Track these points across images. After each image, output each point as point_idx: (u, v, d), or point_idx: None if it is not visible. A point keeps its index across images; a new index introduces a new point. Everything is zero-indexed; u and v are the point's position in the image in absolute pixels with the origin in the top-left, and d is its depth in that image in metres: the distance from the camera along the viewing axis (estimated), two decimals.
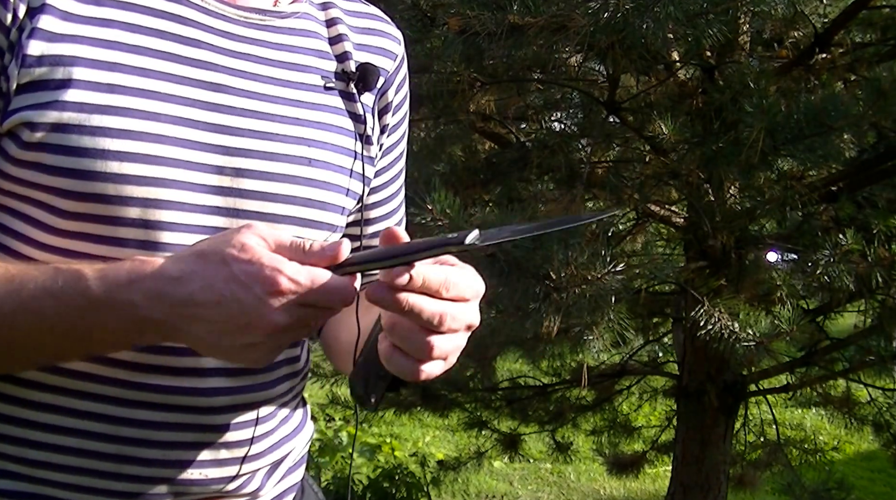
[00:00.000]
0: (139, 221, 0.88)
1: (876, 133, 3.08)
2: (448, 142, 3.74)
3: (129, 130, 0.87)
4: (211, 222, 0.92)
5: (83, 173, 0.86)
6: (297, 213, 0.96)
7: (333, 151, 1.00)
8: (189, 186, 0.90)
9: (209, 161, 0.91)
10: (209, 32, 0.94)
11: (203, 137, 0.91)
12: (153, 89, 0.89)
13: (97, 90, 0.87)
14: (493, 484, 5.78)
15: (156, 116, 0.89)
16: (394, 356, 0.85)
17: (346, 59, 1.03)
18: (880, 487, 5.87)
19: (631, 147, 3.61)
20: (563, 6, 2.50)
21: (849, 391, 4.24)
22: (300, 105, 0.98)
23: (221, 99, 0.93)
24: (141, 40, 0.90)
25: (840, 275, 2.74)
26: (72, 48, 0.87)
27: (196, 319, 0.82)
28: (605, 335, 2.71)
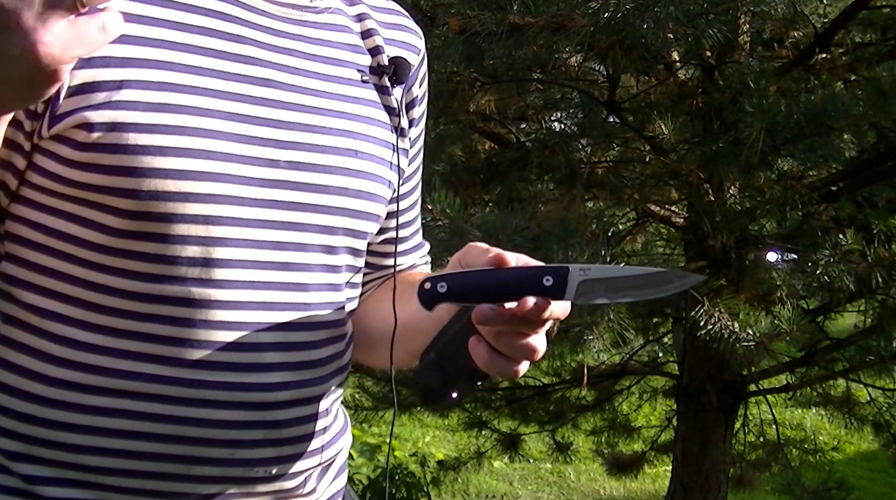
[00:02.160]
0: (200, 216, 0.88)
1: (876, 133, 3.08)
2: (448, 142, 3.74)
3: (183, 127, 0.87)
4: (269, 216, 0.92)
5: (141, 171, 0.86)
6: (350, 204, 0.98)
7: (376, 144, 1.02)
8: (245, 180, 0.91)
9: (263, 155, 0.92)
10: (254, 29, 0.95)
11: (255, 131, 0.92)
12: (204, 86, 0.90)
13: (150, 89, 0.87)
14: (493, 484, 5.78)
15: (209, 112, 0.89)
16: (497, 361, 0.88)
17: (379, 53, 1.05)
18: (880, 487, 5.87)
19: (631, 147, 3.61)
20: (563, 6, 2.50)
21: (849, 391, 4.24)
22: (342, 99, 1.00)
23: (270, 94, 0.94)
24: (190, 38, 0.90)
25: (840, 275, 2.74)
26: (123, 49, 0.86)
27: None
28: (605, 335, 2.71)
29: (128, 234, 0.88)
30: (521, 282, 0.86)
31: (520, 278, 0.86)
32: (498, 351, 0.88)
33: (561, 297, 0.86)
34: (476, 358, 0.88)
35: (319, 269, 0.97)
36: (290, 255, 0.94)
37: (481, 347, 0.88)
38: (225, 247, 0.90)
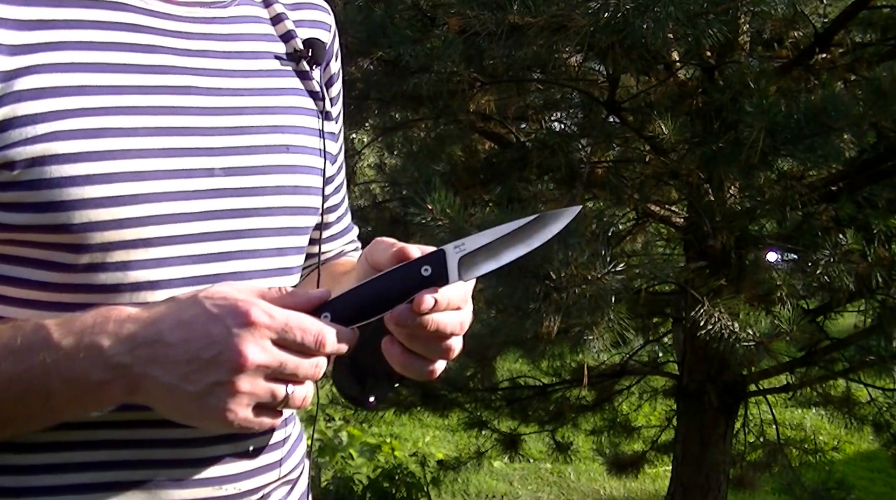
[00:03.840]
0: (139, 241, 0.85)
1: (876, 133, 3.08)
2: (448, 142, 3.74)
3: (108, 151, 0.83)
4: (212, 228, 0.89)
5: (70, 204, 0.82)
6: (287, 202, 0.95)
7: (305, 134, 0.99)
8: (182, 194, 0.87)
9: (196, 166, 0.88)
10: (164, 35, 0.90)
11: (184, 143, 0.88)
12: (124, 105, 0.85)
13: (68, 117, 0.83)
14: (493, 484, 5.78)
15: (133, 131, 0.85)
16: (412, 362, 0.87)
17: (292, 37, 1.01)
18: (880, 487, 5.87)
19: (631, 147, 3.61)
20: (563, 6, 2.50)
21: (849, 391, 4.24)
22: (265, 93, 0.96)
23: (193, 101, 0.90)
24: (102, 57, 0.86)
25: (840, 275, 2.74)
26: (35, 79, 0.82)
27: (161, 361, 0.78)
28: (605, 335, 2.71)
29: (68, 267, 0.84)
30: (403, 282, 0.83)
31: (400, 279, 0.83)
32: (412, 352, 0.86)
33: (445, 281, 0.83)
34: (390, 360, 0.87)
35: (273, 273, 0.94)
36: (240, 264, 0.91)
37: (395, 348, 0.86)
38: (169, 267, 0.86)
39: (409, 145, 3.90)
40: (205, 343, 0.77)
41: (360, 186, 4.28)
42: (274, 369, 0.79)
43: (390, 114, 3.67)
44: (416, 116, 3.65)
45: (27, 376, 0.79)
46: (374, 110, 3.51)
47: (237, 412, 0.79)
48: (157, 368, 0.78)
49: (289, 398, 0.81)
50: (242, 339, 0.77)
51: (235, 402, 0.78)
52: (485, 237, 0.85)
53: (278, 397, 0.80)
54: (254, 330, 0.78)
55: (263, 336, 0.78)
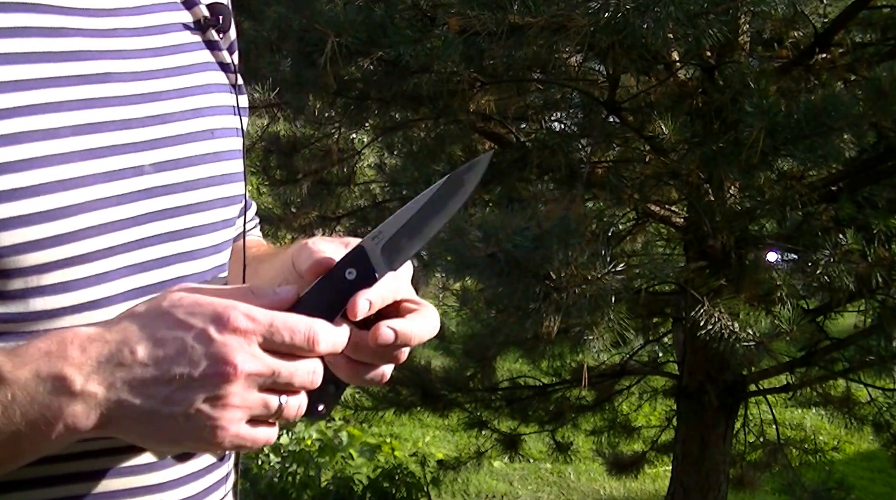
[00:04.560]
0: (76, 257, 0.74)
1: (876, 133, 3.08)
2: (448, 142, 3.75)
3: (32, 159, 0.72)
4: (148, 232, 0.79)
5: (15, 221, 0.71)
6: (219, 193, 0.86)
7: (224, 114, 0.89)
8: (115, 200, 0.77)
9: (125, 164, 0.77)
10: (69, 15, 0.77)
11: (109, 139, 0.77)
12: (39, 102, 0.73)
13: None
14: (493, 484, 5.78)
15: (55, 132, 0.73)
16: (359, 371, 0.78)
17: (195, 4, 0.88)
18: (880, 487, 5.87)
19: (631, 147, 3.61)
20: (563, 6, 2.50)
21: (849, 391, 4.24)
22: (181, 72, 0.85)
23: (112, 90, 0.78)
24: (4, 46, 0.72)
25: (840, 275, 2.74)
26: None
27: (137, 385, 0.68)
28: (605, 335, 2.71)
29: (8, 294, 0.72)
30: (331, 295, 0.75)
31: (327, 293, 0.75)
32: (358, 361, 0.78)
33: (374, 278, 0.75)
34: (337, 372, 0.79)
35: (211, 273, 0.86)
36: (180, 268, 0.82)
37: (340, 360, 0.78)
38: (110, 282, 0.76)
39: (409, 145, 3.90)
40: (187, 357, 0.68)
41: (360, 186, 4.28)
42: (267, 378, 0.69)
43: (390, 114, 3.67)
44: (416, 116, 3.65)
45: None
46: (374, 110, 3.51)
47: (229, 430, 0.69)
48: (135, 393, 0.68)
49: (283, 409, 0.71)
50: (228, 347, 0.68)
51: (227, 418, 0.69)
52: (400, 218, 0.78)
53: (272, 408, 0.71)
54: (238, 336, 0.68)
55: (250, 342, 0.69)
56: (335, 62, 2.76)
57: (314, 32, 2.80)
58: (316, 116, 3.75)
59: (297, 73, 3.16)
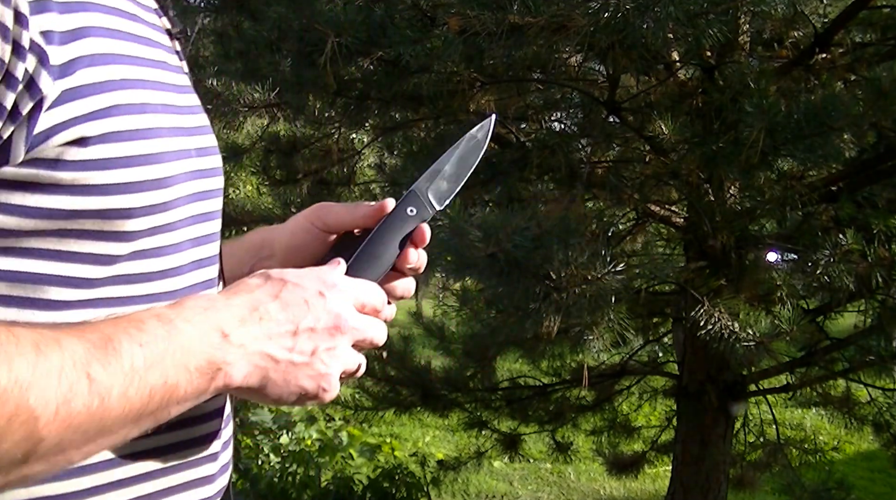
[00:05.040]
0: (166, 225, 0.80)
1: (876, 133, 3.08)
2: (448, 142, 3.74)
3: (153, 128, 0.78)
4: (199, 210, 0.85)
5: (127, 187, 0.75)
6: (222, 184, 0.92)
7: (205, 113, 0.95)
8: (185, 176, 0.82)
9: (186, 145, 0.83)
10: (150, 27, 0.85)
11: (178, 121, 0.83)
12: (142, 78, 0.79)
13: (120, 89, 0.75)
14: (493, 484, 5.78)
15: (154, 107, 0.79)
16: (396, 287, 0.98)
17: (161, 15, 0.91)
18: (880, 487, 5.87)
19: (631, 147, 3.61)
20: (563, 6, 2.50)
21: (849, 391, 4.24)
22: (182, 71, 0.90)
23: (168, 77, 0.84)
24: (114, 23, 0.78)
25: (840, 275, 2.74)
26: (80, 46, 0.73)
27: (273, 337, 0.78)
28: (605, 335, 2.71)
29: (111, 259, 0.76)
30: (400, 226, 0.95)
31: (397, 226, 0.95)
32: None
33: (428, 212, 0.97)
34: None
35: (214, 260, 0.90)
36: (210, 248, 0.88)
37: None
38: (182, 252, 0.82)
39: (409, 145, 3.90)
40: (310, 313, 0.80)
41: (360, 186, 4.28)
42: (360, 333, 0.83)
43: (390, 114, 3.67)
44: (416, 116, 3.65)
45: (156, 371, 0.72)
46: (374, 110, 3.51)
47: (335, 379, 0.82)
48: (272, 344, 0.78)
49: (360, 368, 0.85)
50: (339, 304, 0.82)
51: (336, 365, 0.82)
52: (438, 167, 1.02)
53: (356, 365, 0.85)
54: (342, 296, 0.83)
55: (350, 301, 0.83)
56: (335, 62, 2.76)
57: (314, 32, 2.80)
58: (316, 116, 3.75)
59: (297, 74, 3.16)
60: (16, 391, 0.63)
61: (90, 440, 0.70)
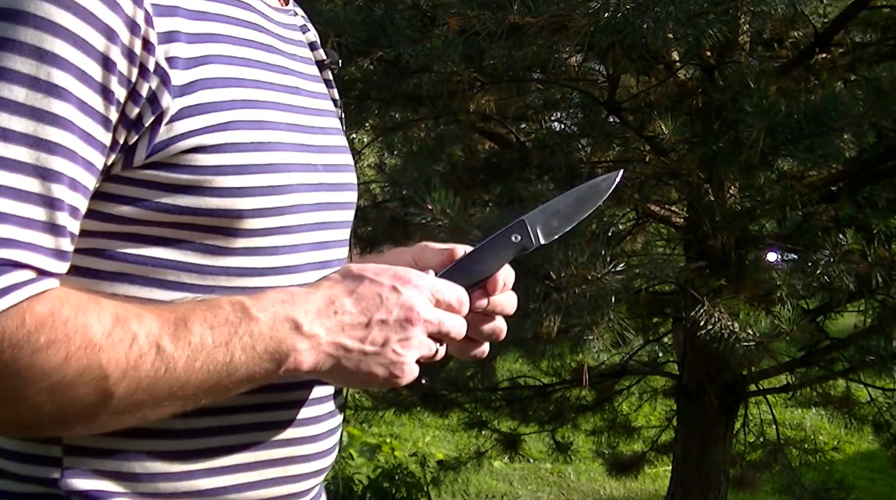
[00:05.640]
0: (282, 228, 0.91)
1: (876, 133, 3.08)
2: (448, 142, 3.75)
3: (269, 143, 0.90)
4: (321, 219, 0.96)
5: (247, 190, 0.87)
6: (353, 198, 1.05)
7: (343, 135, 1.08)
8: (306, 187, 0.94)
9: (311, 161, 0.96)
10: (272, 37, 0.97)
11: (305, 139, 0.95)
12: (270, 100, 0.92)
13: (241, 108, 0.88)
14: (493, 484, 5.78)
15: (280, 125, 0.92)
16: (467, 346, 0.99)
17: (316, 48, 1.09)
18: (880, 487, 5.87)
19: (631, 147, 3.61)
20: (563, 6, 2.50)
21: (849, 391, 4.24)
22: (325, 97, 1.05)
23: (300, 101, 0.97)
24: (249, 53, 0.92)
25: (840, 275, 2.74)
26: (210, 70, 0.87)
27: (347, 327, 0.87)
28: (605, 335, 2.71)
29: (223, 251, 0.88)
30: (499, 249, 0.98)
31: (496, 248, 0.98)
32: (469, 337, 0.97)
33: (531, 243, 0.99)
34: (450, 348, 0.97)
35: (341, 263, 1.01)
36: (332, 252, 0.98)
37: None
38: (300, 253, 0.93)
39: (409, 145, 3.90)
40: (383, 307, 0.88)
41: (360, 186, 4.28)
42: (435, 326, 0.90)
43: (390, 114, 3.67)
44: (416, 116, 3.65)
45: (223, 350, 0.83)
46: (374, 110, 3.51)
47: (409, 365, 0.89)
48: (345, 335, 0.87)
49: (437, 354, 0.92)
50: (412, 297, 0.89)
51: (409, 356, 0.89)
52: (553, 206, 1.02)
53: (433, 351, 0.92)
54: (417, 291, 0.89)
55: (424, 296, 0.90)
56: None
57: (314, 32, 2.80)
58: None
59: None
60: (89, 351, 0.77)
61: (161, 402, 0.82)
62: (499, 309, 0.99)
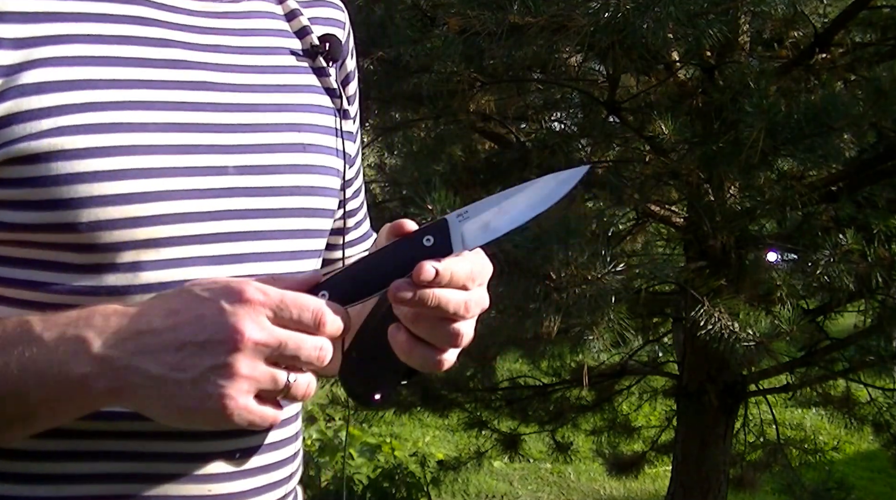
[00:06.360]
0: (150, 240, 0.81)
1: (876, 133, 3.08)
2: (448, 142, 3.74)
3: (118, 146, 0.80)
4: (225, 228, 0.85)
5: (78, 201, 0.78)
6: (302, 203, 0.91)
7: (322, 133, 0.95)
8: (194, 193, 0.83)
9: (209, 163, 0.85)
10: (177, 30, 0.87)
11: (197, 139, 0.84)
12: (133, 99, 0.82)
13: (76, 111, 0.79)
14: (493, 484, 5.78)
15: (143, 126, 0.81)
16: (416, 349, 0.81)
17: (307, 33, 0.98)
18: (880, 487, 5.87)
19: (631, 147, 3.61)
20: (563, 6, 2.50)
21: (849, 391, 4.24)
22: (282, 90, 0.93)
23: (207, 97, 0.86)
24: (107, 51, 0.82)
25: (840, 275, 2.74)
26: (34, 75, 0.79)
27: (150, 350, 0.73)
28: (605, 335, 2.71)
29: (75, 268, 0.80)
30: (403, 254, 0.79)
31: (400, 251, 0.79)
32: (418, 338, 0.81)
33: (449, 250, 0.79)
34: (395, 347, 0.81)
35: None
36: (253, 267, 0.86)
37: (400, 335, 0.81)
38: (181, 268, 0.82)
39: (409, 145, 3.90)
40: (197, 326, 0.73)
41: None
42: (273, 349, 0.74)
43: (390, 114, 3.67)
44: (416, 116, 3.65)
45: (4, 372, 0.74)
46: (374, 110, 3.51)
47: (237, 399, 0.73)
48: (146, 358, 0.73)
49: (290, 387, 0.75)
50: (238, 316, 0.73)
51: (235, 387, 0.73)
52: (489, 204, 0.81)
53: (280, 383, 0.75)
54: (249, 307, 0.73)
55: (259, 313, 0.73)
56: None
57: None
58: None
59: None
60: None
61: None
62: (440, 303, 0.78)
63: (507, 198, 0.81)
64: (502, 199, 0.81)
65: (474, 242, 0.81)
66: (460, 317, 0.80)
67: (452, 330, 0.80)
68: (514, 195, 0.82)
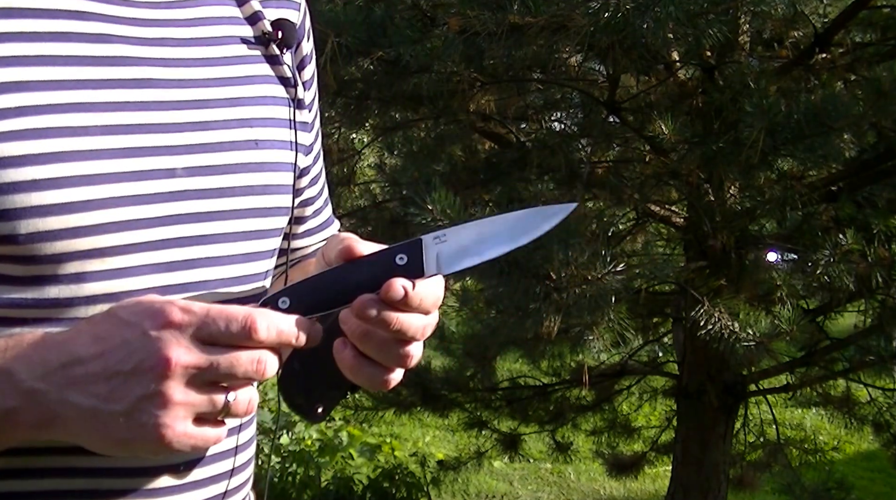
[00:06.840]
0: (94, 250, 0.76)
1: (876, 133, 3.08)
2: (448, 142, 3.74)
3: (57, 153, 0.74)
4: (175, 233, 0.81)
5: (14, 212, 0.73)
6: (256, 203, 0.86)
7: (275, 126, 0.90)
8: (140, 198, 0.78)
9: (156, 166, 0.79)
10: (117, 23, 0.81)
11: (142, 141, 0.79)
12: (71, 101, 0.76)
13: (6, 118, 0.73)
14: (493, 484, 5.78)
15: (82, 130, 0.76)
16: (363, 368, 0.78)
17: (259, 19, 0.91)
18: (880, 487, 5.87)
19: (631, 147, 3.61)
20: (563, 6, 2.50)
21: (849, 391, 4.24)
22: (232, 83, 0.87)
23: (151, 95, 0.81)
24: (40, 49, 0.76)
25: (840, 275, 2.74)
26: None
27: (79, 382, 0.70)
28: (605, 335, 2.71)
29: (15, 281, 0.75)
30: (373, 270, 0.75)
31: (371, 267, 0.76)
32: (365, 356, 0.78)
33: (421, 273, 0.75)
34: (341, 365, 0.78)
35: (242, 281, 0.86)
36: (206, 272, 0.82)
37: (347, 352, 0.78)
38: (129, 277, 0.78)
39: (409, 145, 3.90)
40: (123, 353, 0.69)
41: (360, 186, 4.28)
42: (205, 370, 0.70)
43: (390, 114, 3.67)
44: (416, 116, 3.65)
45: None
46: (374, 110, 3.51)
47: (173, 427, 0.70)
48: (75, 391, 0.70)
49: (230, 406, 0.72)
50: (163, 341, 0.69)
51: (170, 415, 0.70)
52: (468, 230, 0.77)
53: (217, 404, 0.71)
54: (174, 330, 0.69)
55: (186, 335, 0.70)
56: (335, 62, 2.76)
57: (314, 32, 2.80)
58: None
59: None
60: None
61: None
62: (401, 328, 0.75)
63: (488, 226, 0.78)
64: (484, 226, 0.78)
65: (449, 267, 0.77)
66: (413, 340, 0.78)
67: (404, 352, 0.78)
68: (496, 224, 0.78)
